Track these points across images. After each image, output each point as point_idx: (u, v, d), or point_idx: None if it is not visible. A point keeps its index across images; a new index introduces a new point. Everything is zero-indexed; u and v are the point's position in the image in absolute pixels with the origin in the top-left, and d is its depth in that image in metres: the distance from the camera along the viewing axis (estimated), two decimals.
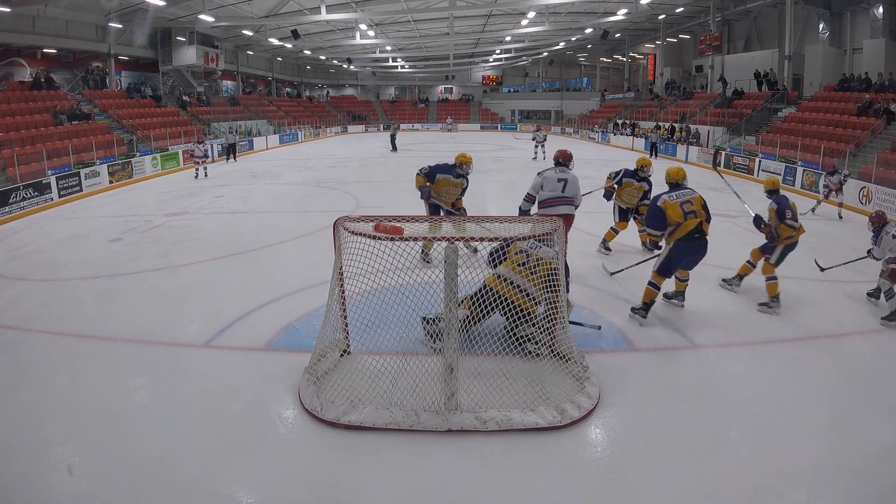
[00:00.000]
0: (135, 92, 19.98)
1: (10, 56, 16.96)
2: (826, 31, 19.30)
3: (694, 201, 4.74)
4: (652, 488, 2.84)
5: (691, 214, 4.65)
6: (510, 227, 3.80)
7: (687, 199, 4.74)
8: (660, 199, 4.76)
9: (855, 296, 5.67)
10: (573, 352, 3.84)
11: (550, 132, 33.71)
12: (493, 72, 40.91)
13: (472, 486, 2.85)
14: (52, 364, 4.18)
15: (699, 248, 4.72)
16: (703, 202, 4.78)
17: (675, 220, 4.65)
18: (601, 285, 5.72)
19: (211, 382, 3.86)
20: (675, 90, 26.86)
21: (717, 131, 19.11)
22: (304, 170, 16.14)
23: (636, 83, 34.77)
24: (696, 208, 4.69)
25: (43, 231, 8.75)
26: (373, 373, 3.58)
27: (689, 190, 4.89)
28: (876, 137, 13.09)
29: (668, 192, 4.84)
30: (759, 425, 3.38)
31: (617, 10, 22.43)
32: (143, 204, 10.85)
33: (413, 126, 36.30)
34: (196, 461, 3.02)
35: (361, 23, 23.58)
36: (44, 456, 3.05)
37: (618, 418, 3.43)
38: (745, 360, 4.23)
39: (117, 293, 5.70)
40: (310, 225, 8.39)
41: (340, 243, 3.67)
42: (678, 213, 4.65)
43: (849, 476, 2.94)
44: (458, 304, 3.32)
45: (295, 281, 5.80)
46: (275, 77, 33.54)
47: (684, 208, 4.66)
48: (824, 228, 8.86)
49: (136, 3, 17.58)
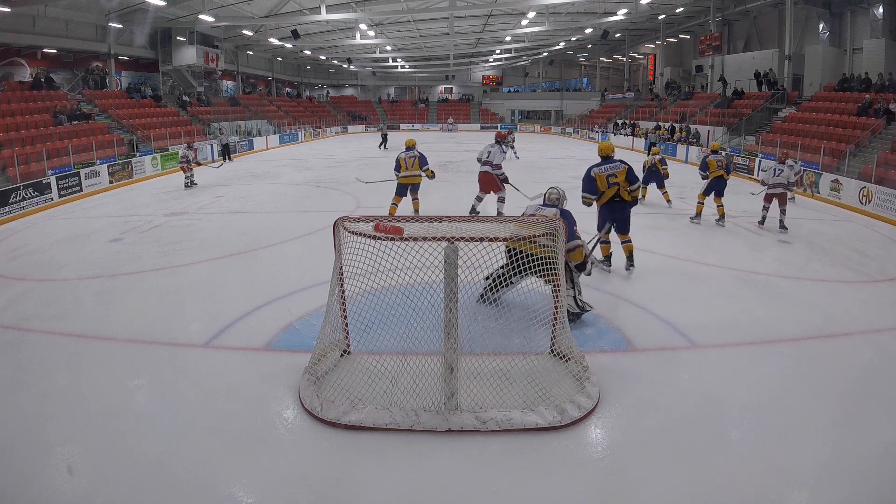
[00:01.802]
0: (135, 92, 19.98)
1: (10, 56, 16.97)
2: (826, 31, 19.32)
3: (618, 173, 5.81)
4: (652, 488, 2.84)
5: (614, 185, 5.80)
6: (510, 226, 3.80)
7: (612, 172, 5.83)
8: (592, 169, 5.92)
9: (855, 296, 5.68)
10: (573, 352, 3.84)
11: (550, 132, 33.79)
12: (493, 72, 40.92)
13: (472, 486, 2.85)
14: (52, 364, 4.17)
15: (620, 208, 5.85)
16: (628, 172, 5.82)
17: (602, 188, 5.83)
18: (601, 284, 5.72)
19: (211, 382, 3.86)
20: (675, 90, 26.87)
21: (717, 131, 19.11)
22: (304, 170, 16.13)
23: (636, 83, 34.79)
24: (619, 179, 5.80)
25: (43, 231, 8.75)
26: (373, 373, 3.58)
27: (617, 163, 5.88)
28: (876, 137, 13.08)
29: (599, 165, 5.92)
30: (759, 425, 3.38)
31: (617, 10, 22.43)
32: (143, 204, 10.85)
33: (413, 126, 36.31)
34: (196, 461, 3.02)
35: (361, 23, 23.59)
36: (44, 456, 3.05)
37: (618, 418, 3.43)
38: (745, 360, 4.22)
39: (117, 293, 5.70)
40: (310, 225, 8.40)
41: (340, 243, 3.67)
42: (604, 182, 5.83)
43: (849, 476, 2.94)
44: None
45: (295, 281, 5.80)
46: (275, 77, 33.55)
47: (609, 179, 5.81)
48: (824, 229, 8.86)
49: (136, 3, 17.59)
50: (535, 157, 19.04)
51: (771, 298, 5.53)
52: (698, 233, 8.33)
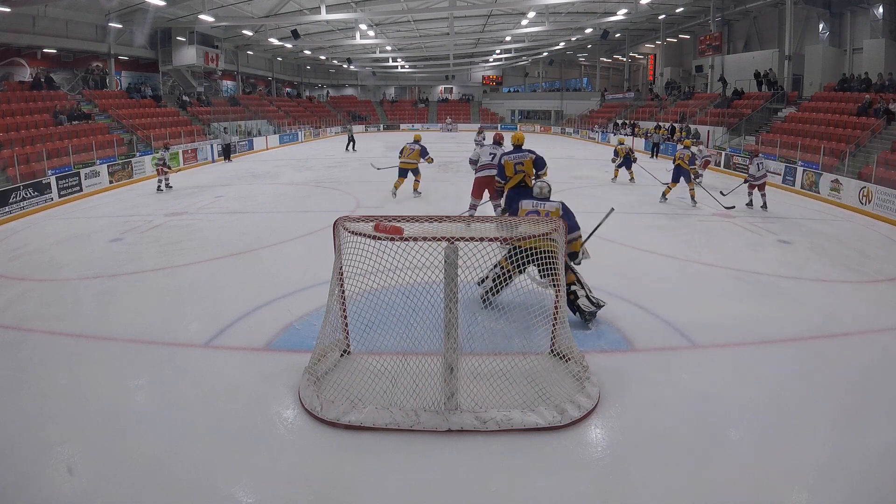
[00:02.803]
0: (135, 92, 19.97)
1: (10, 56, 16.96)
2: (826, 31, 19.31)
3: (525, 162, 6.38)
4: (652, 488, 2.84)
5: (520, 172, 6.39)
6: (510, 226, 3.80)
7: (520, 160, 6.39)
8: (503, 157, 6.55)
9: (855, 296, 5.68)
10: (573, 352, 3.84)
11: (550, 132, 33.79)
12: (493, 72, 40.91)
13: (472, 487, 2.85)
14: (52, 364, 4.17)
15: (524, 194, 5.96)
16: (535, 161, 6.37)
17: (509, 174, 6.43)
18: (600, 284, 5.71)
19: (211, 382, 3.86)
20: (675, 90, 26.86)
21: (717, 131, 19.11)
22: (303, 170, 16.13)
23: (636, 83, 34.78)
24: (525, 168, 6.37)
25: (43, 231, 8.75)
26: (373, 373, 3.58)
27: (526, 153, 6.44)
28: (876, 137, 13.08)
29: (509, 153, 6.52)
30: (759, 425, 3.38)
31: (617, 10, 22.43)
32: (143, 204, 10.85)
33: (413, 126, 36.31)
34: (196, 461, 3.02)
35: (361, 23, 23.58)
36: (44, 456, 3.05)
37: (618, 418, 3.43)
38: (745, 360, 4.22)
39: (117, 293, 5.70)
40: (310, 225, 8.40)
41: (340, 243, 3.67)
42: (511, 169, 6.41)
43: (849, 476, 2.94)
44: None
45: (295, 281, 5.80)
46: (275, 77, 33.54)
47: (516, 167, 6.40)
48: (824, 229, 8.86)
49: (136, 3, 17.58)
50: None
51: (771, 298, 5.52)
52: (698, 233, 8.33)
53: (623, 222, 8.81)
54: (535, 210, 4.77)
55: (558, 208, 4.74)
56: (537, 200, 4.87)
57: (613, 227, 8.42)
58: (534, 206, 4.81)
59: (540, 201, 4.87)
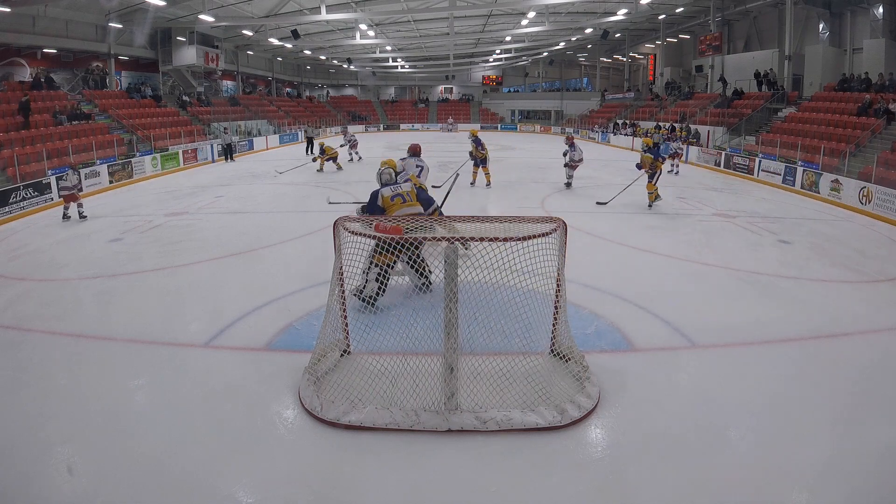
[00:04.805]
0: (135, 92, 19.96)
1: (10, 56, 16.96)
2: (826, 31, 19.30)
3: None
4: (652, 488, 2.84)
5: None
6: (506, 227, 3.79)
7: None
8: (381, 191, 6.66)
9: (855, 296, 5.68)
10: (573, 352, 3.84)
11: (550, 132, 33.74)
12: (493, 72, 40.89)
13: (472, 486, 2.85)
14: (52, 364, 4.18)
15: None
16: None
17: None
18: (600, 284, 5.72)
19: (211, 382, 3.86)
20: (675, 90, 26.86)
21: (717, 131, 19.10)
22: (304, 170, 16.12)
23: (636, 83, 34.75)
24: None
25: (43, 231, 8.75)
26: (373, 373, 3.58)
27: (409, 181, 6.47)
28: (876, 137, 13.07)
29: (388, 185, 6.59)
30: (758, 425, 3.38)
31: (617, 10, 22.41)
32: (143, 204, 10.85)
33: (413, 126, 36.30)
34: (196, 461, 3.02)
35: (361, 23, 23.57)
36: (44, 456, 3.05)
37: (618, 418, 3.43)
38: (745, 361, 4.22)
39: (117, 293, 5.70)
40: (310, 225, 8.39)
41: (340, 243, 3.67)
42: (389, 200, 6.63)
43: (849, 476, 2.94)
44: None
45: (295, 281, 5.80)
46: (275, 77, 33.52)
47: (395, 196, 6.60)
48: (824, 229, 8.86)
49: (136, 3, 17.58)
50: (535, 157, 19.06)
51: (771, 298, 5.52)
52: (698, 233, 8.33)
53: (623, 222, 8.83)
54: (398, 193, 5.07)
55: (412, 184, 5.24)
56: (392, 186, 5.20)
57: (613, 227, 8.47)
58: (393, 191, 5.09)
59: (394, 186, 5.19)
